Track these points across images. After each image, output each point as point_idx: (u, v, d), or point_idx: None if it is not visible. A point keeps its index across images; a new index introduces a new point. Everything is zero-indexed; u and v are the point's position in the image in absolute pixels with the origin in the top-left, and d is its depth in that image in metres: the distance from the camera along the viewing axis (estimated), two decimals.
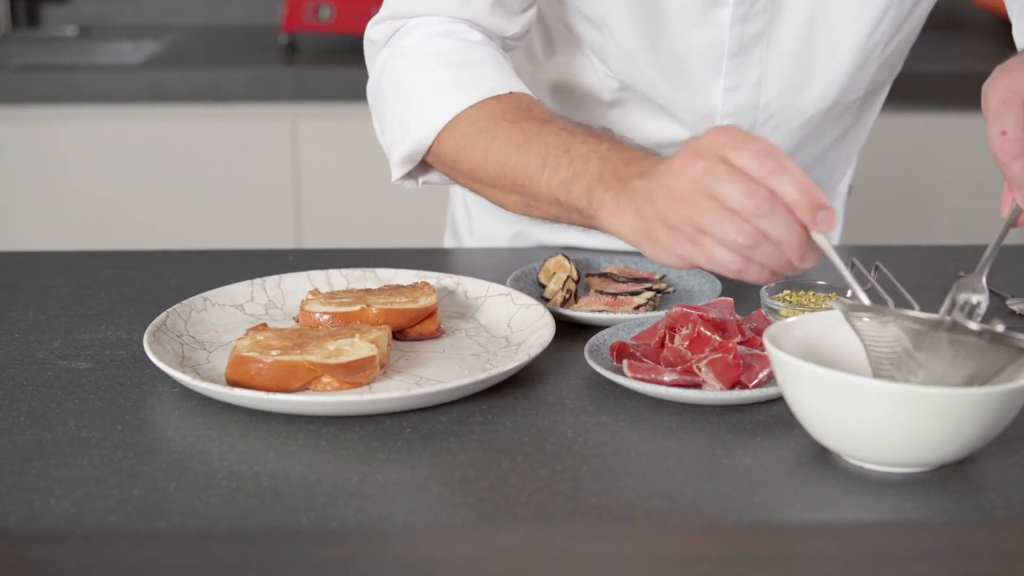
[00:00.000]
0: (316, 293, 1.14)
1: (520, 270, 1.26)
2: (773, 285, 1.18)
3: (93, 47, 2.89)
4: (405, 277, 1.23)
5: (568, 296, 1.19)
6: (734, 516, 0.85)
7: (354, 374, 1.01)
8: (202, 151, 2.51)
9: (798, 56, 1.27)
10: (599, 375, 1.06)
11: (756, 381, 1.01)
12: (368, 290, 1.17)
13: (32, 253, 1.43)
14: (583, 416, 1.00)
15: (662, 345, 1.07)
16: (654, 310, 1.17)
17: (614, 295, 1.18)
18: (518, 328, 1.14)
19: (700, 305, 1.08)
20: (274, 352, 1.01)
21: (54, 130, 2.49)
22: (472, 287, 1.21)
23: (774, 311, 1.15)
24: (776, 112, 1.31)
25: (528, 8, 1.27)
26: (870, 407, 0.86)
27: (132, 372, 1.07)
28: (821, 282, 1.19)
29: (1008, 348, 0.88)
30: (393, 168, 1.23)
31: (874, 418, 0.86)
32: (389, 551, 0.82)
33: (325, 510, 0.85)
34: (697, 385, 1.02)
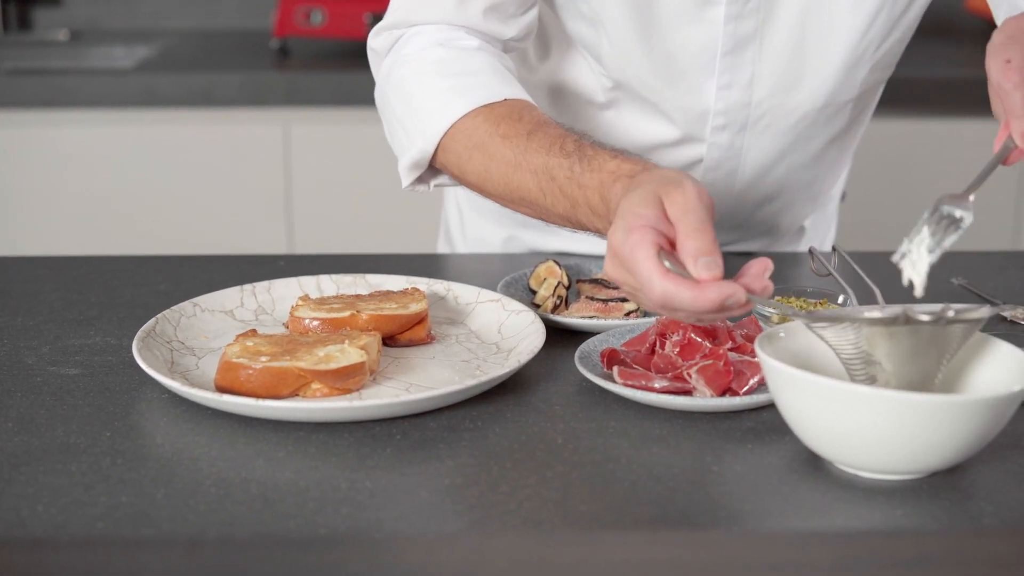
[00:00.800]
0: (306, 299, 1.14)
1: (511, 276, 1.26)
2: None
3: (85, 51, 2.88)
4: (395, 283, 1.23)
5: (559, 302, 1.18)
6: (724, 523, 0.85)
7: (344, 380, 1.01)
8: (194, 155, 2.50)
9: (791, 55, 1.28)
10: (589, 381, 1.05)
11: (747, 388, 1.01)
12: (358, 296, 1.17)
13: (21, 258, 1.43)
14: (573, 423, 0.99)
15: (652, 351, 1.07)
16: (645, 316, 1.17)
17: (605, 301, 1.18)
18: (508, 334, 1.14)
19: None
20: (264, 358, 1.01)
21: (46, 134, 2.49)
22: (463, 293, 1.21)
23: (765, 318, 1.15)
24: (768, 111, 1.31)
25: (527, 10, 1.28)
26: (861, 414, 0.86)
27: (121, 378, 1.07)
28: (809, 288, 1.19)
29: (963, 324, 0.90)
30: (402, 174, 1.25)
31: (865, 425, 0.86)
32: (378, 558, 0.82)
33: (314, 517, 0.84)
34: (688, 392, 1.01)
